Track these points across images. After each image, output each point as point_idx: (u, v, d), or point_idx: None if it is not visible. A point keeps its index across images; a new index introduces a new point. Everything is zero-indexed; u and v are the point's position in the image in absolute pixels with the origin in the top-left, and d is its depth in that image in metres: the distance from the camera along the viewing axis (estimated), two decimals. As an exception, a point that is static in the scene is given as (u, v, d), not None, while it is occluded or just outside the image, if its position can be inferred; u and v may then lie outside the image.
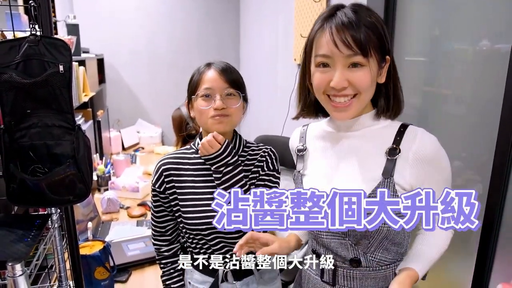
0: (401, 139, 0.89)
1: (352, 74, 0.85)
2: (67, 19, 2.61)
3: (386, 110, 0.93)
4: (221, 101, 1.11)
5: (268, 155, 1.24)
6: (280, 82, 3.09)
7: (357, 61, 0.84)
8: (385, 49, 0.87)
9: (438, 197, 0.85)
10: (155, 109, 4.20)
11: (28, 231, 0.96)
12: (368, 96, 0.90)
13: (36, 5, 0.99)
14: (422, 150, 0.88)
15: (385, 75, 0.90)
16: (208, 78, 1.14)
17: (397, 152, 0.88)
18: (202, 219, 1.15)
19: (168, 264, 1.26)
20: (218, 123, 1.13)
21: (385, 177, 0.88)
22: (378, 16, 0.88)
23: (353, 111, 0.90)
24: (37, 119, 1.01)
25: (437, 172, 0.90)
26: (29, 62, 0.98)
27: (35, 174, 1.02)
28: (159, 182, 1.20)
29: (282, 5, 3.00)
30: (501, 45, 1.25)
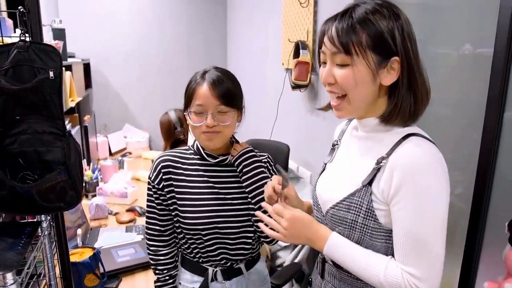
0: (395, 149, 0.83)
1: (336, 72, 0.84)
2: (53, 24, 2.58)
3: (387, 116, 0.86)
4: (213, 119, 1.12)
5: (267, 161, 1.28)
6: (269, 86, 3.11)
7: (340, 58, 0.82)
8: (387, 49, 0.81)
9: (406, 215, 0.80)
10: (142, 113, 4.18)
11: (18, 239, 0.95)
12: (358, 96, 0.85)
13: (26, 11, 0.98)
14: (397, 157, 0.82)
15: (392, 77, 0.83)
16: (201, 94, 1.13)
17: (382, 162, 0.84)
18: (201, 219, 1.16)
19: (165, 271, 1.24)
20: (208, 140, 1.15)
21: (363, 184, 0.86)
22: (391, 14, 0.81)
23: (344, 111, 0.88)
24: (27, 125, 1.01)
25: (406, 183, 0.80)
26: (18, 68, 0.98)
27: (24, 181, 1.01)
28: (158, 178, 1.19)
29: (270, 10, 3.03)
30: (483, 49, 1.29)
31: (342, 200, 0.90)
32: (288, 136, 2.65)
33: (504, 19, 1.14)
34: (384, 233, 0.86)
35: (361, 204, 0.87)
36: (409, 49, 0.81)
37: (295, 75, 2.23)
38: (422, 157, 0.81)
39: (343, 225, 0.89)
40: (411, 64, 0.82)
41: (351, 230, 0.88)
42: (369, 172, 0.86)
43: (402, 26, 0.81)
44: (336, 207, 0.91)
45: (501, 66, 1.15)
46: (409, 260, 0.81)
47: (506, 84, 1.16)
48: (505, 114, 1.17)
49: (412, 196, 0.80)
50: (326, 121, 2.19)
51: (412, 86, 0.84)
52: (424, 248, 0.80)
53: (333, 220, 0.92)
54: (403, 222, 0.81)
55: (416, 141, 0.83)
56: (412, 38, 0.83)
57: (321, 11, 2.17)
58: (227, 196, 1.20)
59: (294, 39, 2.39)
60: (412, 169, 0.80)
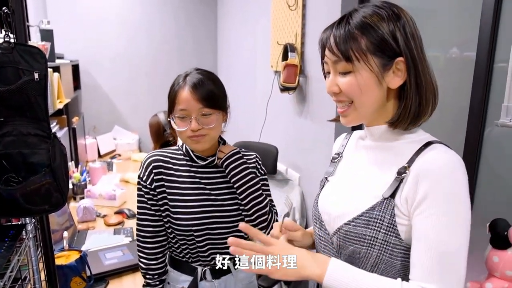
0: (416, 158, 0.78)
1: (340, 80, 0.81)
2: (41, 25, 2.56)
3: (396, 120, 0.82)
4: (197, 122, 1.12)
5: (256, 161, 1.29)
6: (258, 89, 3.12)
7: (342, 66, 0.79)
8: (390, 51, 0.78)
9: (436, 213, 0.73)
10: (132, 115, 4.16)
11: (1, 242, 0.94)
12: (365, 103, 0.81)
13: (10, 12, 0.98)
14: (424, 164, 0.76)
15: (400, 79, 0.79)
16: (183, 99, 1.12)
17: (405, 171, 0.78)
18: (193, 220, 1.16)
19: (156, 276, 1.23)
20: (196, 143, 1.15)
21: (384, 197, 0.79)
22: (391, 14, 0.78)
23: (351, 118, 0.84)
24: (11, 127, 1.00)
25: (433, 191, 0.74)
26: (3, 69, 0.97)
27: (9, 183, 1.00)
28: (150, 179, 1.18)
29: (259, 12, 3.04)
30: (470, 52, 1.31)
31: (360, 215, 0.81)
32: (277, 138, 2.66)
33: (485, 24, 1.16)
34: (405, 250, 0.79)
35: (383, 218, 0.79)
36: (413, 48, 0.78)
37: (284, 77, 2.24)
38: (452, 164, 0.75)
39: (361, 242, 0.80)
40: (417, 64, 0.78)
41: (369, 248, 0.80)
42: (390, 183, 0.80)
43: (404, 26, 0.78)
44: (353, 223, 0.82)
45: (483, 70, 1.17)
46: (434, 277, 0.72)
47: (488, 87, 1.18)
48: (487, 117, 1.20)
49: (440, 205, 0.73)
50: (315, 123, 2.20)
51: (419, 86, 0.79)
52: (451, 263, 0.73)
53: (347, 238, 0.83)
54: (429, 232, 0.73)
55: (442, 148, 0.79)
56: (416, 37, 0.79)
57: (309, 14, 2.18)
58: (218, 197, 1.20)
59: (283, 42, 2.40)
60: (442, 175, 0.74)
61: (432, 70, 0.82)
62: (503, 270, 0.96)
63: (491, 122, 1.18)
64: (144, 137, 4.00)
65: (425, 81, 0.80)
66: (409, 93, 0.79)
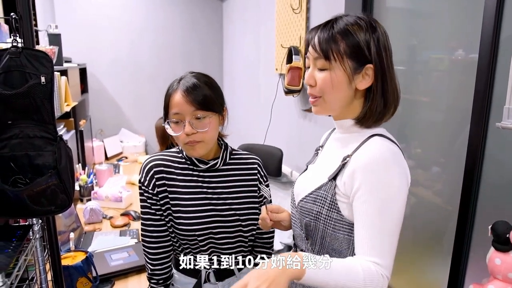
0: (359, 148, 0.91)
1: (317, 75, 0.93)
2: (49, 29, 2.60)
3: (362, 117, 0.93)
4: (190, 126, 1.10)
5: (258, 166, 1.29)
6: (263, 91, 3.13)
7: (321, 63, 0.91)
8: (363, 58, 0.88)
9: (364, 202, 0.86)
10: (138, 118, 4.19)
11: (9, 242, 0.96)
12: (332, 99, 0.92)
13: (18, 17, 1.00)
14: (358, 157, 0.89)
15: (367, 82, 0.90)
16: (176, 102, 1.12)
17: (347, 159, 0.91)
18: (196, 225, 1.16)
19: (161, 281, 1.22)
20: (191, 149, 1.14)
21: (329, 179, 0.94)
22: (369, 26, 0.88)
23: (319, 107, 0.96)
24: (18, 130, 1.02)
25: (366, 180, 0.86)
26: (10, 73, 0.99)
27: (15, 185, 1.02)
28: (152, 184, 1.16)
29: (263, 16, 3.06)
30: (475, 54, 1.31)
31: (310, 193, 0.98)
32: (281, 140, 2.67)
33: (487, 26, 1.16)
34: (346, 225, 0.93)
35: (326, 196, 0.94)
36: (383, 58, 0.89)
37: (288, 80, 2.26)
38: (378, 154, 0.87)
39: (310, 216, 0.97)
40: (385, 72, 0.89)
41: (316, 221, 0.96)
42: (335, 168, 0.94)
43: (378, 38, 0.89)
44: (304, 200, 0.99)
45: (485, 72, 1.17)
46: (374, 252, 0.86)
47: (491, 89, 1.18)
48: (490, 119, 1.20)
49: (370, 191, 0.86)
50: (319, 126, 2.21)
51: (384, 91, 0.91)
52: (385, 239, 0.86)
53: (302, 211, 1.00)
54: (364, 216, 0.87)
55: (376, 140, 0.90)
56: (387, 49, 0.90)
57: (313, 17, 2.20)
58: (220, 202, 1.20)
59: (287, 45, 2.42)
60: (369, 166, 0.87)
61: (397, 79, 0.93)
62: (506, 273, 0.95)
63: (494, 124, 1.18)
64: (150, 140, 4.03)
65: (390, 87, 0.91)
66: (375, 96, 0.91)
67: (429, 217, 1.52)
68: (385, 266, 0.85)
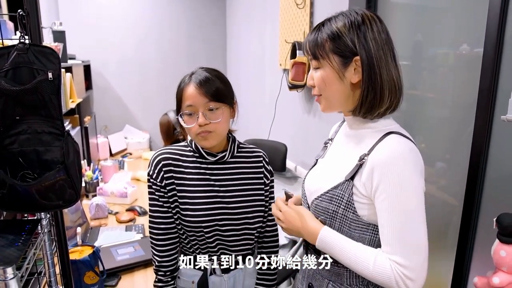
0: (375, 147, 0.91)
1: (314, 75, 0.98)
2: (53, 26, 2.61)
3: (355, 109, 0.95)
4: (204, 117, 1.13)
5: (263, 160, 1.31)
6: (267, 87, 3.13)
7: (314, 63, 0.97)
8: (348, 51, 0.91)
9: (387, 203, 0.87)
10: (142, 115, 4.21)
11: (18, 236, 0.97)
12: (330, 95, 0.97)
13: (25, 14, 1.01)
14: (375, 155, 0.90)
15: (358, 75, 0.92)
16: (189, 95, 1.14)
17: (364, 158, 0.92)
18: (202, 217, 1.18)
19: (168, 273, 1.24)
20: (204, 139, 1.17)
21: (346, 178, 0.95)
22: (354, 21, 0.91)
23: (323, 105, 1.01)
24: (26, 125, 1.03)
25: (385, 177, 0.87)
26: (18, 69, 1.00)
27: (24, 180, 1.03)
28: (160, 177, 1.19)
29: (268, 12, 3.06)
30: (480, 49, 1.31)
31: (326, 192, 0.98)
32: (285, 136, 2.67)
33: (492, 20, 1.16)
34: (362, 225, 0.94)
35: (343, 196, 0.94)
36: (371, 49, 0.90)
37: (292, 75, 2.26)
38: (396, 153, 0.88)
39: (325, 214, 0.98)
40: (373, 63, 0.90)
41: (332, 220, 0.97)
42: (352, 167, 0.94)
43: (365, 32, 0.91)
44: (320, 198, 0.99)
45: (490, 66, 1.17)
46: (394, 249, 0.87)
47: (496, 83, 1.18)
48: (495, 113, 1.20)
49: (391, 189, 0.87)
50: (323, 121, 2.21)
51: (374, 81, 0.91)
52: (408, 237, 0.86)
53: (316, 210, 1.00)
54: (386, 213, 0.88)
55: (393, 138, 0.91)
56: (377, 40, 0.91)
57: (317, 12, 2.19)
58: (227, 194, 1.22)
59: (291, 40, 2.42)
60: (387, 164, 0.88)
61: (396, 69, 0.93)
62: (511, 264, 0.96)
63: (499, 117, 1.18)
64: (154, 136, 4.05)
65: (381, 78, 0.91)
66: (364, 86, 0.92)
67: (433, 212, 1.52)
68: (407, 267, 0.85)
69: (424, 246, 0.87)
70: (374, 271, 0.87)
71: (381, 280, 0.87)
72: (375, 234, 0.94)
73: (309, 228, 0.98)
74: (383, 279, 0.87)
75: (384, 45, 0.92)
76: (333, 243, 0.93)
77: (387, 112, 0.95)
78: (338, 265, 0.99)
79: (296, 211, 1.02)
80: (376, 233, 0.94)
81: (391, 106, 0.94)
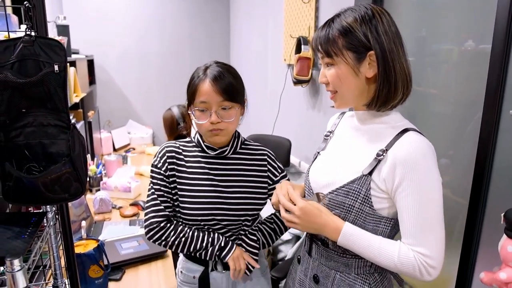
0: (394, 143, 0.93)
1: (327, 72, 0.99)
2: (57, 20, 2.61)
3: (371, 103, 0.97)
4: (216, 115, 1.14)
5: (268, 158, 1.30)
6: (271, 82, 3.12)
7: (327, 60, 0.97)
8: (362, 47, 0.92)
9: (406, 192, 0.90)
10: (145, 110, 4.21)
11: (24, 228, 0.97)
12: (345, 91, 0.97)
13: (31, 6, 1.00)
14: (397, 151, 0.91)
15: (374, 69, 0.93)
16: (204, 91, 1.14)
17: (383, 154, 0.93)
18: (200, 210, 1.19)
19: (187, 228, 1.22)
20: (215, 135, 1.18)
21: (364, 173, 0.96)
22: (365, 15, 0.92)
23: (338, 102, 1.01)
24: (32, 118, 1.02)
25: (409, 174, 0.90)
26: (24, 62, 0.99)
27: (30, 172, 1.03)
28: (165, 166, 1.21)
29: (271, 6, 3.04)
30: (485, 45, 1.30)
31: (342, 186, 0.98)
32: (289, 131, 2.67)
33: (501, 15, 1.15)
34: (376, 218, 0.97)
35: (360, 191, 0.96)
36: (383, 43, 0.91)
37: (297, 70, 2.25)
38: (418, 149, 0.91)
39: (340, 208, 0.99)
40: (387, 56, 0.92)
41: (347, 214, 0.98)
42: (369, 162, 0.96)
43: (376, 25, 0.92)
44: (335, 192, 0.99)
45: (499, 62, 1.16)
46: (418, 241, 0.91)
47: (504, 79, 1.17)
48: (503, 108, 1.19)
49: (415, 185, 0.90)
50: (327, 116, 2.20)
51: (388, 74, 0.93)
52: (431, 229, 0.91)
53: (331, 204, 1.01)
54: (410, 208, 0.91)
55: (413, 136, 0.93)
56: (389, 33, 0.92)
57: (322, 7, 2.18)
58: (226, 189, 1.22)
59: (296, 35, 2.41)
60: (410, 161, 0.90)
61: (406, 61, 0.95)
62: (518, 260, 0.95)
63: (507, 112, 1.17)
64: (157, 131, 4.05)
65: (395, 71, 0.92)
66: (380, 80, 0.93)
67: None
68: (430, 256, 0.90)
69: (443, 236, 0.92)
70: (399, 262, 0.92)
71: (405, 270, 0.92)
72: (387, 227, 0.98)
73: (331, 223, 0.97)
74: (408, 269, 0.92)
75: (395, 37, 0.93)
76: (358, 238, 0.95)
77: (399, 104, 0.97)
78: (347, 256, 1.02)
79: (315, 207, 0.99)
80: (388, 225, 0.97)
81: (403, 98, 0.96)
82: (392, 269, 0.94)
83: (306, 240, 1.15)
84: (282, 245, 2.31)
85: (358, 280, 1.02)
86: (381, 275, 1.04)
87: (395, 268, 0.93)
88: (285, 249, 2.28)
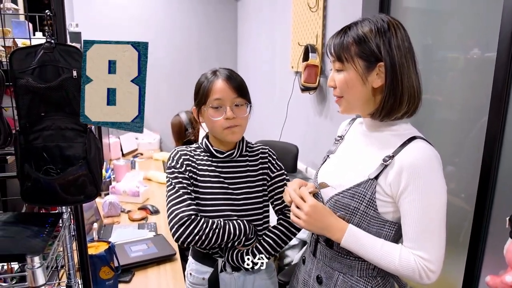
0: (401, 150, 0.96)
1: (336, 77, 1.02)
2: (70, 27, 2.66)
3: (375, 113, 1.00)
4: (231, 111, 1.19)
5: (268, 155, 1.34)
6: (279, 89, 3.16)
7: (337, 65, 1.00)
8: (373, 57, 0.95)
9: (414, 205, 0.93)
10: (153, 116, 4.25)
11: (42, 228, 1.01)
12: (351, 97, 1.00)
13: (52, 14, 1.05)
14: (404, 157, 0.94)
15: (381, 80, 0.96)
16: (218, 88, 1.20)
17: (390, 159, 0.96)
18: (211, 212, 1.22)
19: (214, 226, 1.19)
20: (232, 133, 1.22)
21: (370, 177, 0.98)
22: (380, 27, 0.95)
23: (343, 107, 1.04)
24: (50, 122, 1.06)
25: (415, 180, 0.92)
26: (44, 68, 1.03)
27: (48, 174, 1.06)
28: (184, 168, 1.23)
29: (279, 14, 3.09)
30: (491, 53, 1.32)
31: (348, 189, 1.01)
32: (297, 137, 2.69)
33: (506, 23, 1.17)
34: (380, 221, 1.00)
35: (365, 194, 0.99)
36: (394, 56, 0.94)
37: (304, 78, 2.28)
38: (424, 157, 0.94)
39: (345, 210, 1.02)
40: (396, 70, 0.94)
41: (352, 216, 1.01)
42: (376, 167, 0.98)
43: (390, 38, 0.94)
44: (341, 194, 1.03)
45: (504, 69, 1.18)
46: (419, 245, 0.94)
47: (509, 86, 1.19)
48: (507, 116, 1.21)
49: (420, 191, 0.92)
50: (334, 123, 2.23)
51: (395, 87, 0.95)
52: (432, 235, 0.94)
53: (336, 205, 1.04)
54: (413, 213, 0.93)
55: (420, 143, 0.96)
56: (401, 48, 0.95)
57: (330, 15, 2.22)
58: (235, 192, 1.25)
59: (304, 43, 2.44)
60: (416, 167, 0.93)
61: (416, 77, 0.97)
62: (523, 264, 0.97)
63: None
64: (165, 137, 4.09)
65: (402, 84, 0.95)
66: (386, 91, 0.96)
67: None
68: (429, 260, 0.93)
69: (443, 241, 0.95)
70: (399, 265, 0.95)
71: (405, 273, 0.95)
72: (391, 230, 1.01)
73: (337, 224, 1.00)
74: (407, 272, 0.94)
75: (407, 52, 0.96)
76: (361, 240, 0.98)
77: (404, 117, 0.99)
78: (350, 258, 1.04)
79: (323, 207, 1.02)
80: (391, 229, 0.99)
81: (409, 111, 0.99)
82: (392, 271, 0.97)
83: (311, 241, 1.17)
84: (289, 250, 2.32)
85: (361, 283, 1.04)
86: (383, 279, 1.06)
87: (395, 270, 0.96)
88: (292, 254, 2.30)
